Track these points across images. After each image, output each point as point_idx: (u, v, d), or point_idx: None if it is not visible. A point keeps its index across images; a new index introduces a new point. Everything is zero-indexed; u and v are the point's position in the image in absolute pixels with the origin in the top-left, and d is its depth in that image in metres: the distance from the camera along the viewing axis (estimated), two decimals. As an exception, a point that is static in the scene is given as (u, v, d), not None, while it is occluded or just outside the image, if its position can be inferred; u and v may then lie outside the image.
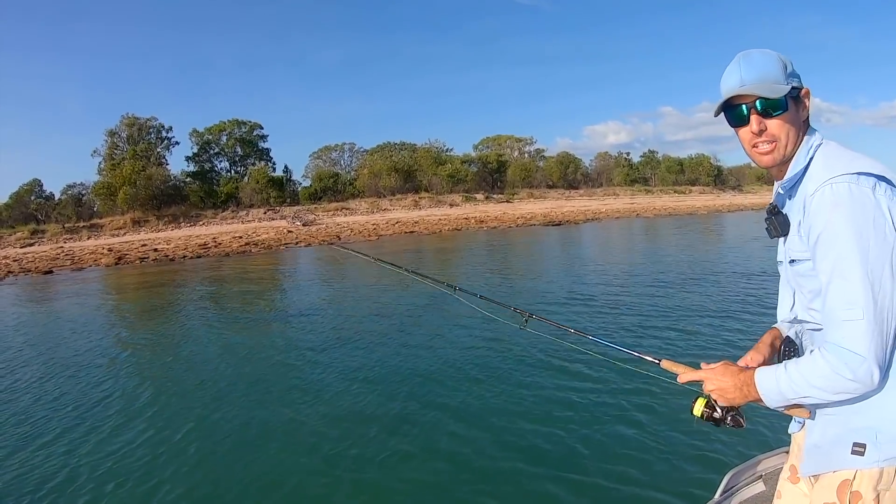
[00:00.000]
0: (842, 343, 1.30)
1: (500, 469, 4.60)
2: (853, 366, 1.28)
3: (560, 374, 6.67)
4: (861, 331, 1.28)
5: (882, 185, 1.33)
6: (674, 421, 5.17)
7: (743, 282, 12.23)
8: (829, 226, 1.33)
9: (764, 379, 1.46)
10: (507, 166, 70.77)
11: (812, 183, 1.41)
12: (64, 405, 6.63)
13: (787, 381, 1.39)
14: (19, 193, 49.27)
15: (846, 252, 1.31)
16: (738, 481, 2.33)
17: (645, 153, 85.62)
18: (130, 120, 54.16)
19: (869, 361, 1.27)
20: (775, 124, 1.48)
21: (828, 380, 1.32)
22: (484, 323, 8.69)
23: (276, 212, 48.77)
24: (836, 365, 1.30)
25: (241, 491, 4.49)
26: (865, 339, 1.28)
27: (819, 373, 1.33)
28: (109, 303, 15.69)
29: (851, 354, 1.28)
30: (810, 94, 1.53)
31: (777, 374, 1.43)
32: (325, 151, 75.31)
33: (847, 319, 1.30)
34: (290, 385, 6.88)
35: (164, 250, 31.13)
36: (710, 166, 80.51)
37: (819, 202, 1.36)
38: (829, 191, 1.34)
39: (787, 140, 1.48)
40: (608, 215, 47.59)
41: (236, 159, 63.42)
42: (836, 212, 1.32)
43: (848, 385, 1.30)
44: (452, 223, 42.34)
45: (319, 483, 4.51)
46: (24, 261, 29.20)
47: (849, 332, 1.30)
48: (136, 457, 5.15)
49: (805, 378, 1.36)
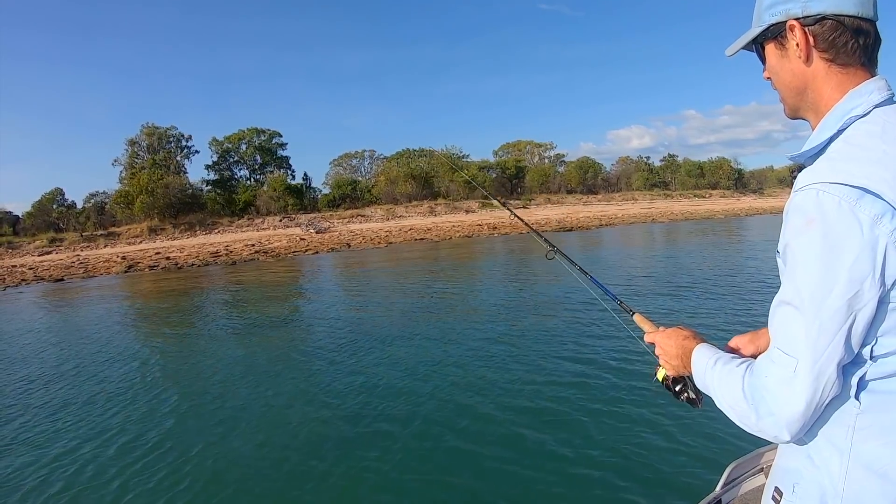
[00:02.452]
0: (765, 383, 1.05)
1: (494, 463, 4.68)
2: (762, 416, 1.05)
3: (558, 366, 6.97)
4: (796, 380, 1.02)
5: (887, 218, 0.94)
6: (675, 413, 5.24)
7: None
8: (797, 243, 1.02)
9: (697, 359, 1.30)
10: (525, 172, 70.51)
11: (811, 174, 1.05)
12: (41, 419, 6.67)
13: (710, 374, 1.22)
14: (41, 202, 50.49)
15: (805, 285, 1.00)
16: (740, 474, 2.29)
17: (665, 157, 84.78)
18: (150, 129, 55.23)
19: (782, 420, 1.03)
20: (766, 70, 1.23)
21: (735, 407, 1.12)
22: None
23: (291, 219, 49.09)
24: (750, 401, 1.08)
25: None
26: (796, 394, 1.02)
27: (732, 391, 1.12)
28: (94, 312, 15.82)
29: (767, 402, 1.05)
30: (800, 28, 1.11)
31: (709, 361, 1.25)
32: (345, 158, 76.08)
33: (776, 364, 1.05)
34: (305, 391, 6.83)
35: (175, 258, 31.53)
36: (730, 169, 79.13)
37: (797, 206, 1.03)
38: (813, 198, 1.00)
39: (783, 93, 1.20)
40: (623, 221, 46.93)
41: (255, 167, 64.18)
42: (809, 231, 0.99)
43: (748, 424, 1.10)
44: (466, 230, 42.17)
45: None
46: (39, 269, 29.82)
47: (777, 375, 1.04)
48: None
49: (723, 387, 1.16)
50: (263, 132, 64.38)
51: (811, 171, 1.06)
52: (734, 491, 2.24)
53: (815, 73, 1.12)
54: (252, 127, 64.19)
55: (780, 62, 1.17)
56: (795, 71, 1.14)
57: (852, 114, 1.07)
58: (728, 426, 4.60)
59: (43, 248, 37.26)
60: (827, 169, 1.02)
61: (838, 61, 1.10)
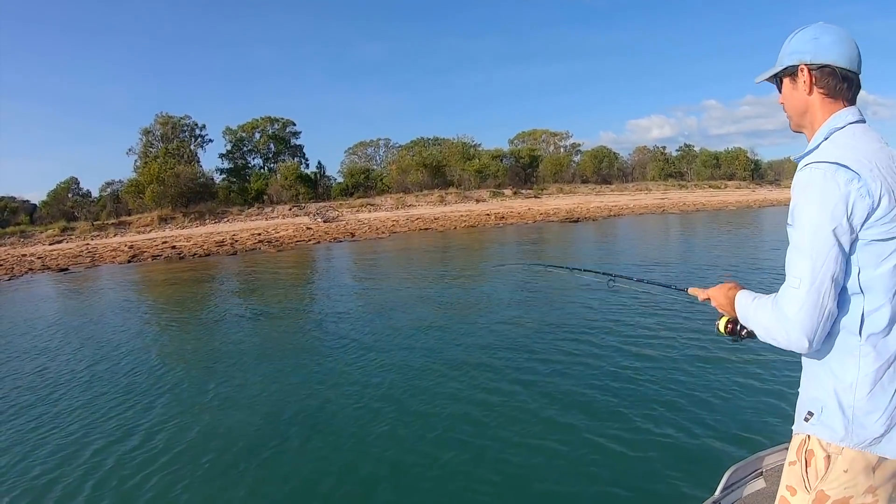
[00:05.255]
0: (782, 301, 1.53)
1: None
2: (787, 326, 1.50)
3: (561, 366, 7.07)
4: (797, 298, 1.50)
5: (857, 182, 1.44)
6: (672, 417, 5.29)
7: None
8: (799, 201, 1.50)
9: (740, 300, 1.74)
10: (539, 161, 69.98)
11: (806, 159, 1.57)
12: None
13: (751, 309, 1.66)
14: (56, 191, 51.28)
15: (804, 226, 1.48)
16: (739, 478, 2.37)
17: (681, 147, 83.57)
18: (164, 118, 55.69)
19: (797, 325, 1.47)
20: (781, 97, 1.74)
21: (767, 327, 1.58)
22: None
23: (301, 208, 49.33)
24: (776, 317, 1.54)
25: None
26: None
27: (765, 316, 1.59)
28: (74, 302, 16.09)
29: (785, 312, 1.51)
30: (808, 71, 1.62)
31: (748, 300, 1.69)
32: (360, 147, 76.08)
33: (790, 286, 1.51)
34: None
35: (181, 248, 31.88)
36: (747, 160, 77.65)
37: (799, 179, 1.53)
38: (807, 171, 1.50)
39: (790, 113, 1.71)
40: (633, 211, 46.35)
41: (269, 156, 64.47)
42: (806, 191, 1.49)
43: (779, 338, 1.54)
44: (473, 219, 42.06)
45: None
46: (47, 258, 30.34)
47: (789, 296, 1.52)
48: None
49: (759, 313, 1.62)
50: (277, 121, 64.50)
51: (807, 158, 1.57)
52: (734, 495, 2.28)
53: (814, 102, 1.64)
54: (265, 116, 64.53)
55: (792, 92, 1.68)
56: (801, 99, 1.66)
57: (835, 127, 1.59)
58: (727, 429, 4.94)
59: (54, 238, 37.89)
60: (815, 156, 1.54)
61: (830, 96, 1.62)
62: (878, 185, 1.46)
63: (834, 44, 1.59)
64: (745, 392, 5.90)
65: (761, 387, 5.98)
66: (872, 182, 1.46)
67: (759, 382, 6.11)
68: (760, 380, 6.18)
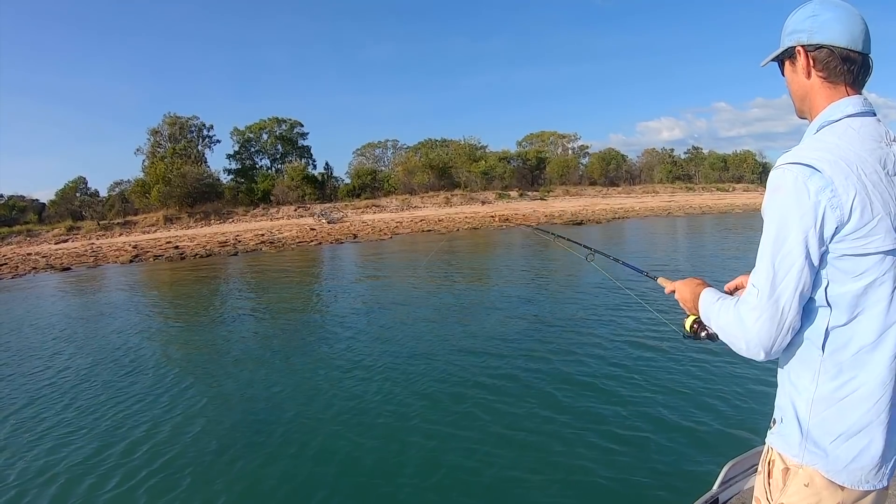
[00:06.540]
0: (741, 309, 1.43)
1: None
2: (745, 334, 1.41)
3: (560, 365, 7.14)
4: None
5: (829, 191, 1.32)
6: (670, 413, 5.31)
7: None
8: (768, 205, 1.41)
9: (704, 299, 1.65)
10: (546, 163, 69.80)
11: (782, 158, 1.46)
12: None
13: (714, 309, 1.57)
14: (64, 191, 51.72)
15: (769, 233, 1.38)
16: (737, 473, 2.37)
17: (689, 149, 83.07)
18: (172, 119, 56.12)
19: (753, 338, 1.39)
20: (786, 80, 1.60)
21: (727, 331, 1.48)
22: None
23: (306, 209, 49.46)
24: (736, 323, 1.44)
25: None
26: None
27: (725, 319, 1.49)
28: (64, 303, 16.19)
29: (744, 322, 1.41)
30: (804, 52, 1.49)
31: (712, 300, 1.60)
32: (368, 148, 76.29)
33: (750, 293, 1.42)
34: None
35: (183, 248, 32.01)
36: (755, 163, 76.96)
37: (770, 179, 1.42)
38: (780, 172, 1.38)
39: (793, 98, 1.59)
40: (639, 214, 46.13)
41: (277, 157, 64.71)
42: (775, 195, 1.38)
43: (738, 345, 1.45)
44: (477, 221, 42.00)
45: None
46: (52, 257, 30.58)
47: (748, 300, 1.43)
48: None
49: (721, 315, 1.52)
50: (284, 121, 64.76)
51: (783, 156, 1.42)
52: (731, 489, 2.29)
53: (812, 86, 1.50)
54: (273, 116, 64.80)
55: (791, 75, 1.56)
56: (800, 83, 1.53)
57: (829, 119, 1.45)
58: (724, 425, 4.94)
59: (60, 237, 38.20)
60: (792, 154, 1.40)
61: (829, 79, 1.47)
62: (851, 196, 1.31)
63: (832, 20, 1.43)
64: (744, 387, 5.92)
65: (759, 382, 5.98)
66: (844, 193, 1.31)
67: (757, 378, 6.11)
68: (758, 375, 6.17)
